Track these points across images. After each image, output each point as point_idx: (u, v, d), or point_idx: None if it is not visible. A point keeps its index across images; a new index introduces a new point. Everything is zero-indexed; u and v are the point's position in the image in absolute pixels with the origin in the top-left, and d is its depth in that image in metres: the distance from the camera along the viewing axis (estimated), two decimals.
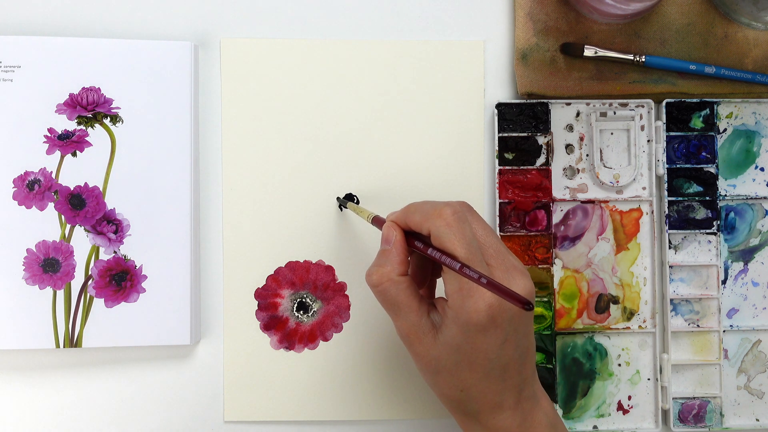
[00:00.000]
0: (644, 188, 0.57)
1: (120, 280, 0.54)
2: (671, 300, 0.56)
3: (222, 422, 0.56)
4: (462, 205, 0.45)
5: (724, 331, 0.57)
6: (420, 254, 0.47)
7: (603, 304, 0.57)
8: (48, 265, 0.53)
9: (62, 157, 0.54)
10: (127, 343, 0.53)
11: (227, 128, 0.56)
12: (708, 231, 0.57)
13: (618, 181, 0.56)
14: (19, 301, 0.53)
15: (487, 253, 0.44)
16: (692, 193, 0.57)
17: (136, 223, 0.54)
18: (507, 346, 0.44)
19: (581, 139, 0.57)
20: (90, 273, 0.53)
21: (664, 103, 0.56)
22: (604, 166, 0.57)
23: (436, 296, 0.48)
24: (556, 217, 0.57)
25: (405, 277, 0.45)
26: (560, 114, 0.57)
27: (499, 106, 0.56)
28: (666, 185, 0.56)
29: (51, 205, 0.53)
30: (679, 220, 0.57)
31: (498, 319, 0.42)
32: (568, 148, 0.57)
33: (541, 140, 0.57)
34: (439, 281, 0.48)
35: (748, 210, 0.57)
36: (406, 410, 0.56)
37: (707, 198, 0.57)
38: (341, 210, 0.56)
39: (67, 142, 0.54)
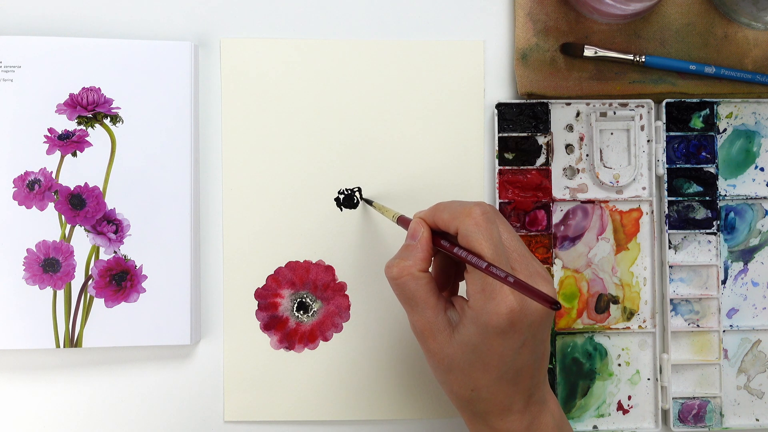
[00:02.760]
0: (644, 188, 0.57)
1: (120, 280, 0.54)
2: (671, 300, 0.56)
3: (222, 422, 0.56)
4: (490, 207, 0.44)
5: (724, 331, 0.57)
6: (443, 256, 0.47)
7: (603, 304, 0.57)
8: (48, 265, 0.53)
9: (62, 157, 0.54)
10: (127, 343, 0.53)
11: (227, 128, 0.56)
12: (708, 231, 0.57)
13: (618, 181, 0.56)
14: (19, 301, 0.53)
15: (511, 257, 0.44)
16: (692, 193, 0.57)
17: (136, 223, 0.54)
18: (523, 350, 0.43)
19: (581, 139, 0.57)
20: (90, 273, 0.53)
21: (664, 103, 0.56)
22: (604, 166, 0.57)
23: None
24: (556, 217, 0.57)
25: (426, 273, 0.45)
26: (560, 114, 0.57)
27: (499, 106, 0.56)
28: (666, 185, 0.56)
29: (51, 205, 0.53)
30: (679, 220, 0.57)
31: (518, 323, 0.42)
32: (568, 148, 0.57)
33: (541, 140, 0.57)
34: (462, 284, 0.47)
35: (748, 210, 0.57)
36: (407, 410, 0.56)
37: (707, 198, 0.57)
38: (341, 210, 0.56)
39: (67, 142, 0.54)
